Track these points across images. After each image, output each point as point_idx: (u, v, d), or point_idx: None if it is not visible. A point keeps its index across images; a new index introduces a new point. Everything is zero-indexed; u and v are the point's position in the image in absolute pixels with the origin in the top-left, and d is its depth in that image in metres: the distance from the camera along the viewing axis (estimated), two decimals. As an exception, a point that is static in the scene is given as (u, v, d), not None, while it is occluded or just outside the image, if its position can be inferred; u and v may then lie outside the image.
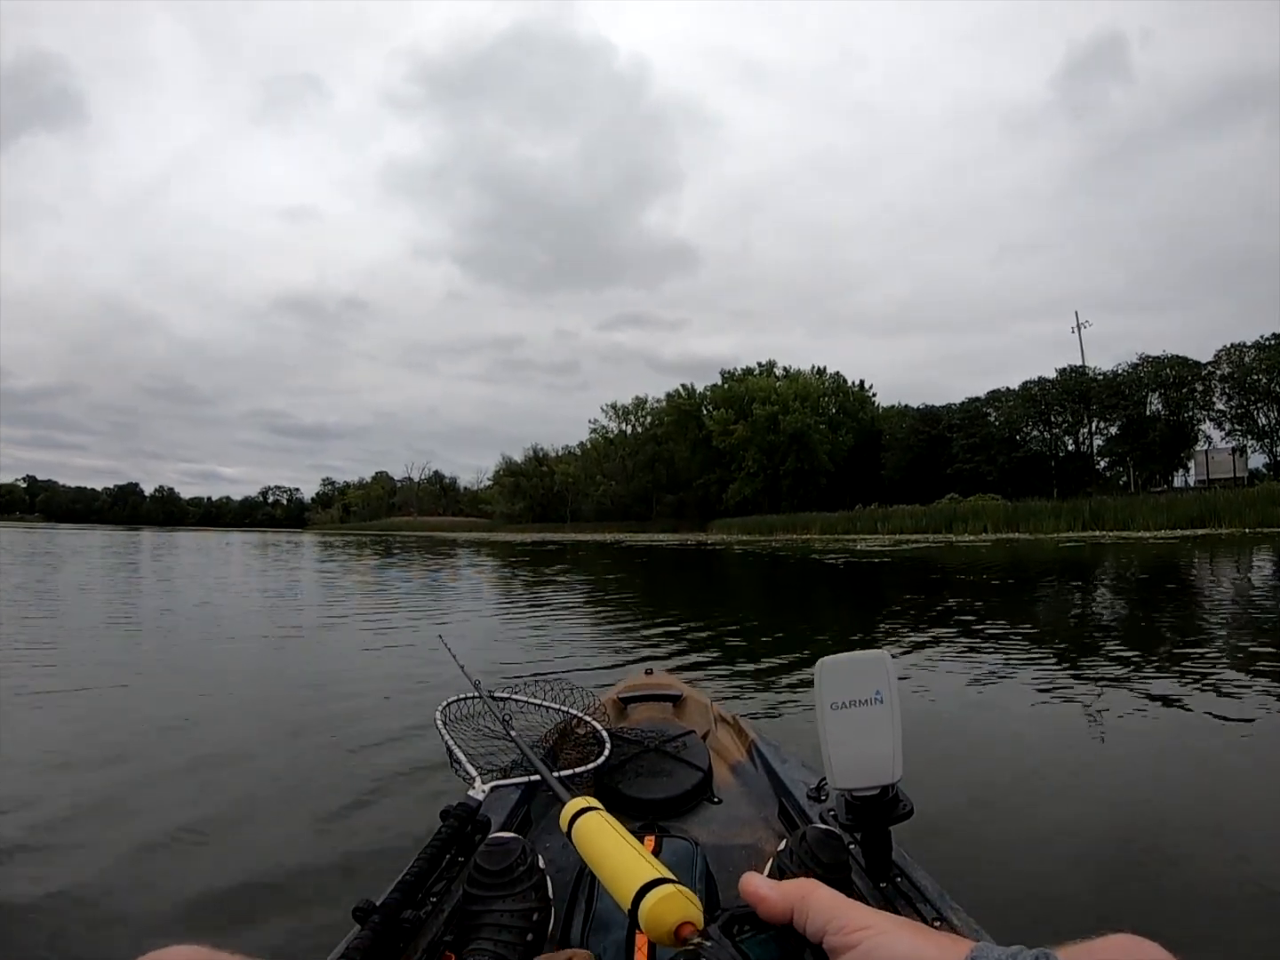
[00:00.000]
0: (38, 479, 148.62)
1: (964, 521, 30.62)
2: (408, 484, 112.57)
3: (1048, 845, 2.03)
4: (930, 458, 48.46)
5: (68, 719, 3.43)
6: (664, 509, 61.10)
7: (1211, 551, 15.19)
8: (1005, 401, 48.03)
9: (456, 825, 1.05)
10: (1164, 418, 41.92)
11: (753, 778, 1.43)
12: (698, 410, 61.23)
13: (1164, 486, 40.73)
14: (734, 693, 3.80)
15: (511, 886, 0.83)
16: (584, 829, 0.72)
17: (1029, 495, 36.09)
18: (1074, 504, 29.78)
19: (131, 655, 5.13)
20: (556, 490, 73.36)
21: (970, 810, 2.29)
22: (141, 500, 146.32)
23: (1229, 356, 40.43)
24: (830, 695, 0.90)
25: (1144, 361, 43.16)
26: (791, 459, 52.70)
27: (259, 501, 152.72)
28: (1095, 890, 1.75)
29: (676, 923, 0.55)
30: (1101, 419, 45.16)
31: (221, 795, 2.42)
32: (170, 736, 3.09)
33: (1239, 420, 40.17)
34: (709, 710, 1.79)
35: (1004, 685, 3.94)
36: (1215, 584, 9.35)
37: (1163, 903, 1.69)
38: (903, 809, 0.93)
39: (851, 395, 59.10)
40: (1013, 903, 1.68)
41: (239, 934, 1.57)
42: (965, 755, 2.85)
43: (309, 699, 3.76)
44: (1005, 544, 21.98)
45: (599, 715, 1.57)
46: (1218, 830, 2.08)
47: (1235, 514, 23.36)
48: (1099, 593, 9.20)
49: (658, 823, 1.18)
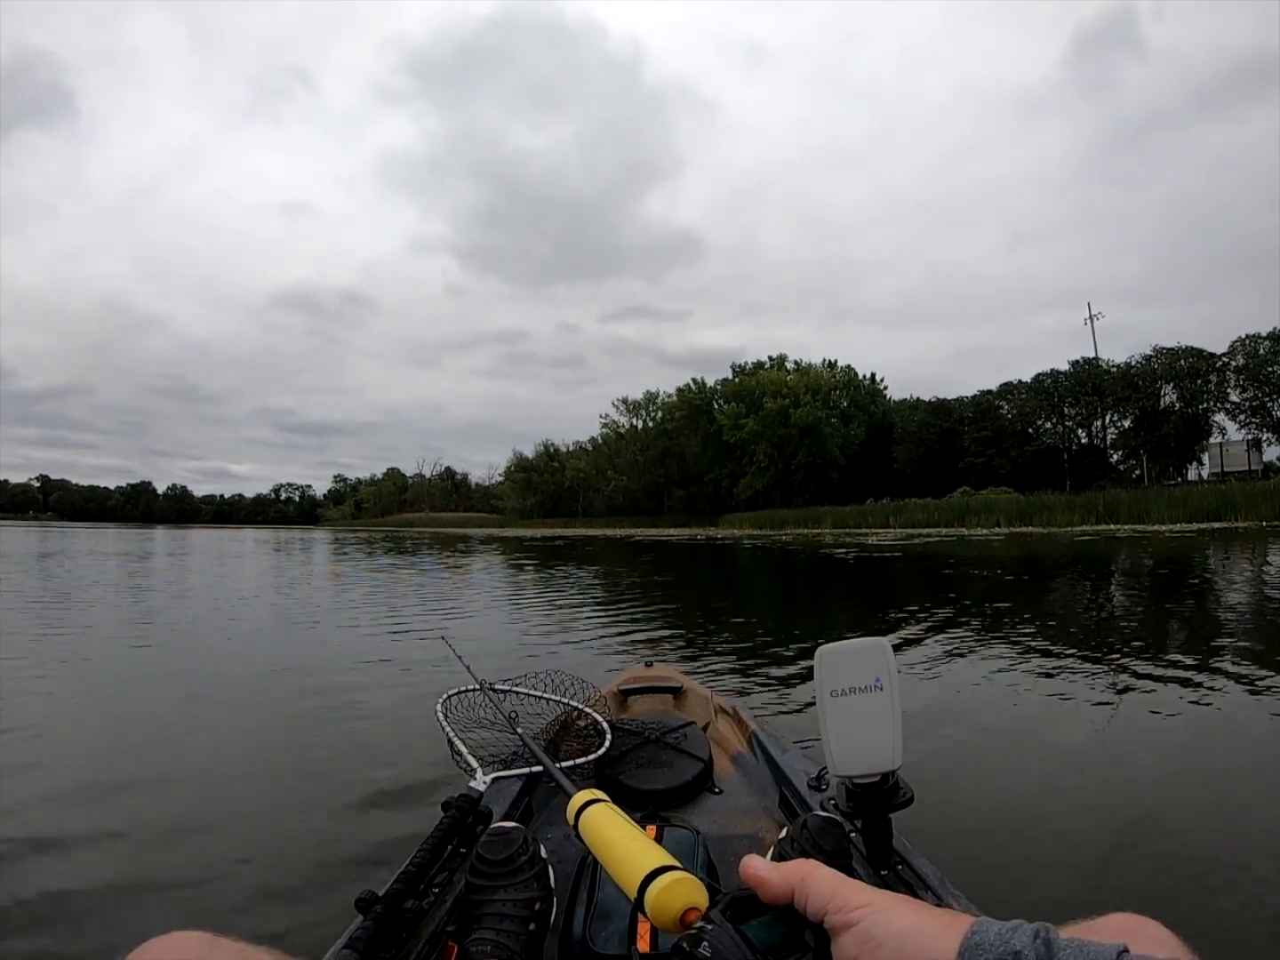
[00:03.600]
0: (50, 478, 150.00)
1: (976, 515, 30.44)
2: (419, 480, 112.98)
3: (1050, 834, 2.02)
4: (942, 451, 48.23)
5: (74, 707, 3.48)
6: (675, 504, 61.04)
7: (1228, 545, 15.03)
8: (1018, 394, 47.70)
9: (458, 816, 1.06)
10: (1178, 410, 41.55)
11: (753, 768, 1.43)
12: (708, 404, 61.05)
13: (1177, 480, 40.42)
14: (734, 684, 3.80)
15: (513, 876, 0.84)
16: (590, 820, 0.72)
17: (1042, 489, 35.74)
18: (1087, 497, 29.51)
19: (138, 643, 5.18)
20: (568, 485, 73.35)
21: (971, 798, 2.28)
22: (155, 498, 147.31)
23: (1244, 348, 39.99)
24: (830, 683, 0.90)
25: (1158, 353, 42.78)
26: (803, 453, 52.50)
27: (271, 498, 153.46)
28: (1097, 878, 1.74)
29: (682, 909, 0.55)
30: (1115, 411, 44.79)
31: (222, 786, 2.44)
32: (172, 730, 3.10)
33: (1254, 413, 39.72)
34: (709, 701, 1.80)
35: (1009, 676, 3.92)
36: (1232, 579, 9.24)
37: (1166, 891, 1.68)
38: (903, 796, 0.93)
39: (863, 388, 58.78)
40: (1013, 890, 1.68)
41: (241, 923, 1.57)
42: (967, 743, 2.84)
43: (311, 690, 3.77)
44: (1018, 538, 21.82)
45: (600, 707, 1.57)
46: (1224, 823, 2.06)
47: (1251, 507, 23.03)
48: (1112, 587, 9.12)
49: (659, 813, 1.18)
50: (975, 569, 11.74)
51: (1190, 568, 10.62)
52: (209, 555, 19.77)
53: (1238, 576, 9.56)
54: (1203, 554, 13.18)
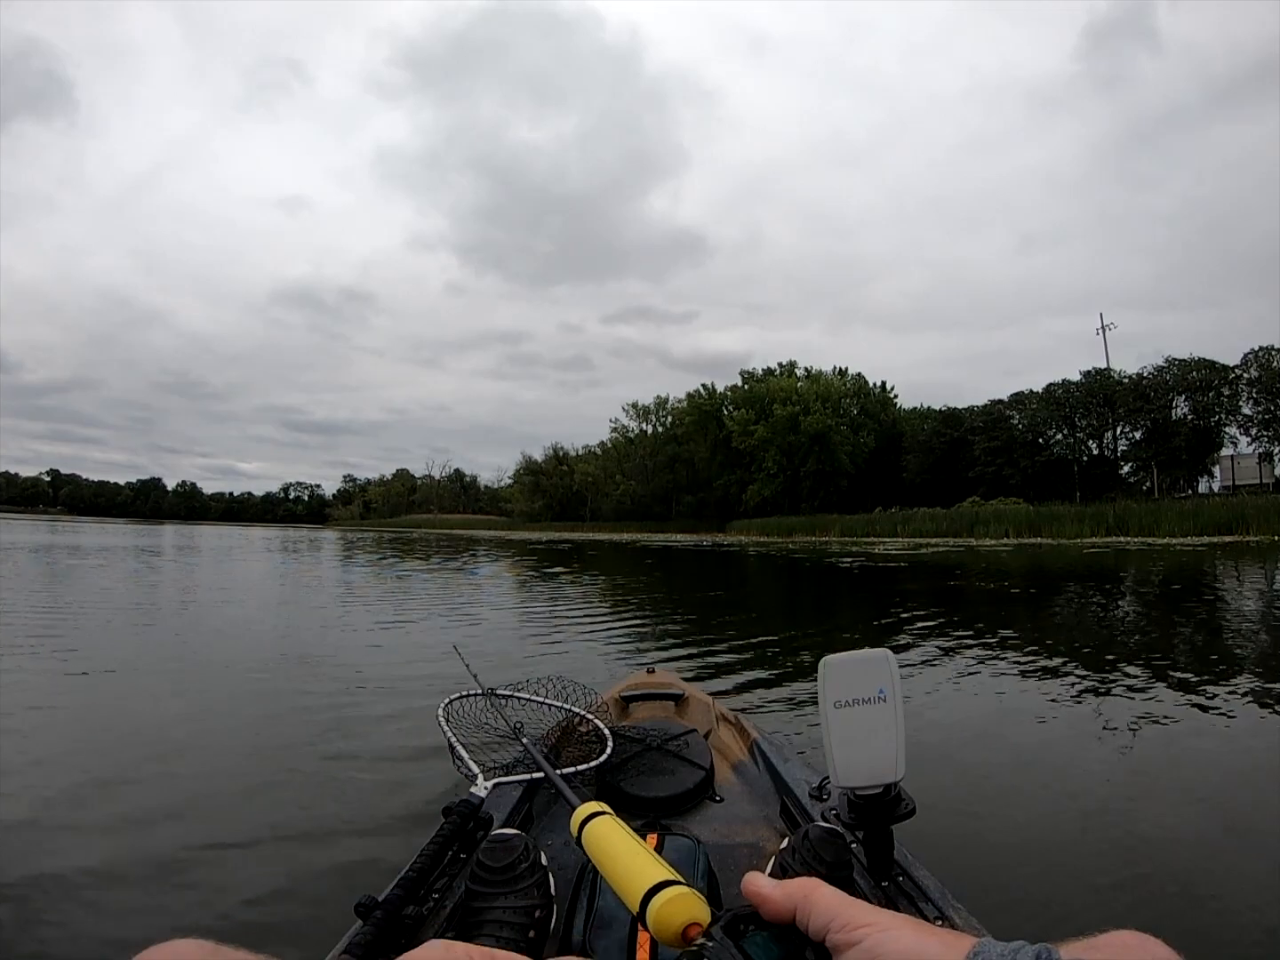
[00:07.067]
0: (61, 473, 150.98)
1: (985, 525, 30.38)
2: (428, 481, 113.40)
3: (1052, 849, 2.00)
4: (952, 460, 48.09)
5: (75, 707, 3.50)
6: (684, 510, 61.05)
7: (1239, 559, 14.91)
8: (1028, 404, 47.60)
9: (459, 822, 1.06)
10: (1190, 422, 41.30)
11: (755, 776, 1.43)
12: (718, 410, 61.12)
13: (1188, 492, 40.18)
14: (735, 692, 3.78)
15: (514, 883, 0.84)
16: (593, 833, 0.72)
17: (1052, 500, 35.63)
18: (1097, 509, 29.38)
19: (141, 645, 5.20)
20: (576, 489, 73.47)
21: (974, 811, 2.26)
22: (164, 495, 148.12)
23: (1257, 360, 39.78)
24: (834, 694, 0.90)
25: (1170, 364, 42.58)
26: (812, 460, 52.50)
27: (281, 497, 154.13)
28: (1100, 893, 1.73)
29: (684, 924, 0.55)
30: (1126, 423, 44.58)
31: (221, 791, 2.43)
32: (172, 729, 3.10)
33: (1266, 425, 39.48)
34: (711, 709, 1.79)
35: (1013, 690, 3.90)
36: (1244, 594, 9.16)
37: (1169, 909, 1.67)
38: (905, 808, 0.93)
39: (873, 396, 58.77)
40: (1015, 903, 1.67)
41: (241, 929, 1.57)
42: (970, 756, 2.83)
43: (312, 692, 3.75)
44: (1027, 549, 21.72)
45: (601, 713, 1.57)
46: (1230, 843, 2.04)
47: (1264, 521, 22.90)
48: (1121, 601, 9.03)
49: (660, 821, 1.18)
50: (982, 581, 11.65)
51: (1201, 582, 10.52)
52: (248, 552, 19.82)
53: (1249, 591, 9.47)
54: (1213, 568, 13.06)
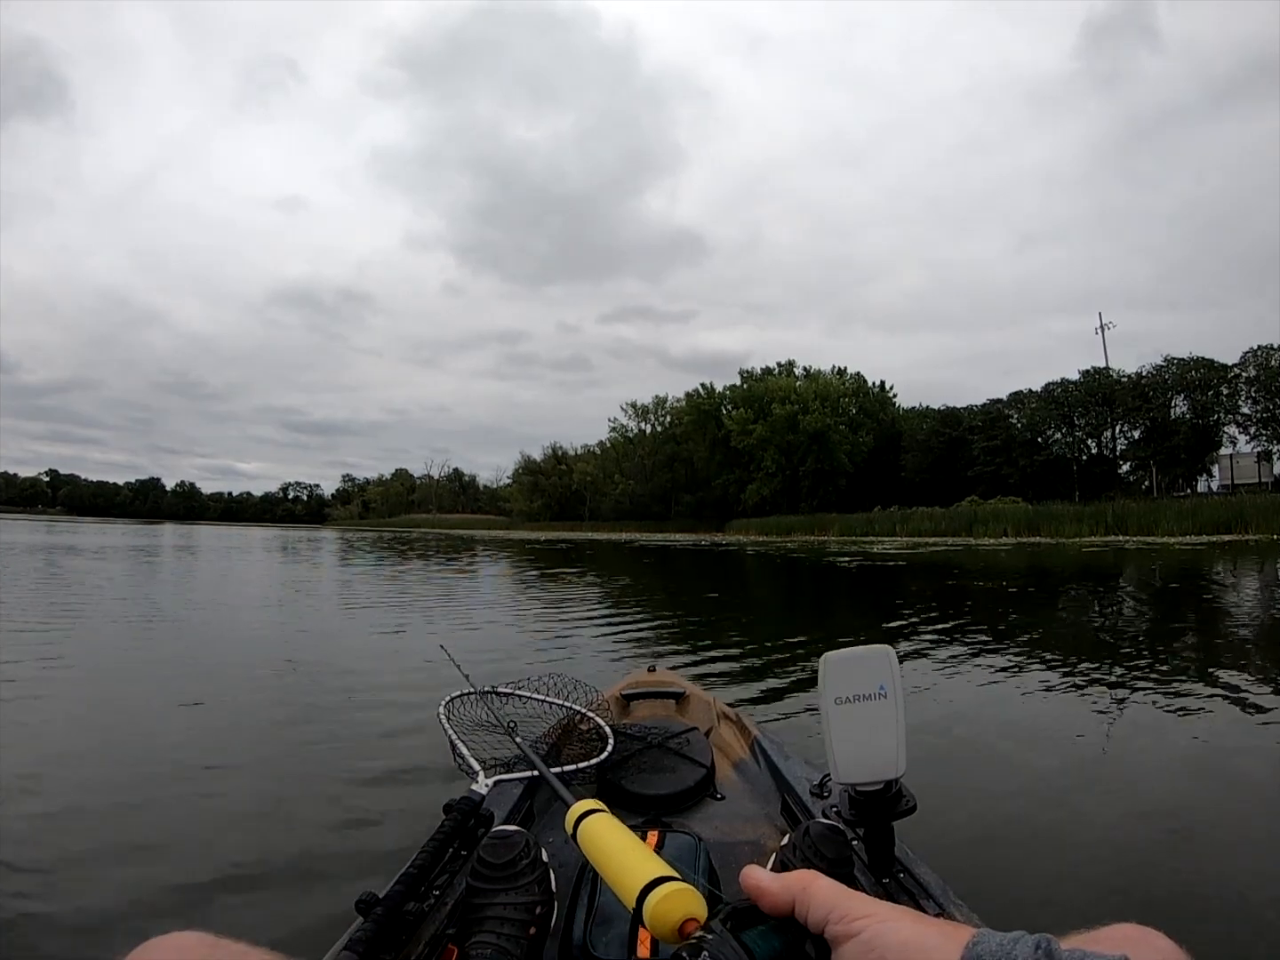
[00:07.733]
0: (60, 473, 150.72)
1: (984, 524, 30.38)
2: (427, 481, 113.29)
3: (1052, 844, 2.01)
4: (951, 459, 48.08)
5: (74, 705, 3.50)
6: (683, 509, 60.96)
7: (1238, 559, 14.92)
8: (1027, 403, 47.57)
9: (459, 819, 1.06)
10: (1188, 421, 41.32)
11: (755, 774, 1.43)
12: (717, 410, 60.98)
13: (1187, 491, 40.21)
14: (736, 690, 3.79)
15: (514, 880, 0.84)
16: (589, 831, 0.72)
17: (1051, 499, 35.64)
18: (1096, 508, 29.40)
19: (137, 648, 5.19)
20: (575, 489, 73.42)
21: (974, 807, 2.27)
22: (163, 495, 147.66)
23: (1256, 359, 39.79)
24: (834, 690, 0.89)
25: (1169, 363, 42.55)
26: (811, 459, 52.44)
27: (280, 497, 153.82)
28: (1100, 889, 1.73)
29: (680, 919, 0.55)
30: (1125, 422, 44.58)
31: (222, 788, 2.43)
32: (173, 730, 3.11)
33: (1265, 425, 39.49)
34: (712, 707, 1.79)
35: (1012, 687, 3.91)
36: (1242, 593, 9.18)
37: (1169, 901, 1.67)
38: (906, 804, 0.93)
39: (872, 396, 58.70)
40: (1016, 900, 1.67)
41: (241, 923, 1.57)
42: (971, 752, 2.84)
43: (313, 692, 3.77)
44: (1026, 548, 21.72)
45: (602, 711, 1.57)
46: (1229, 836, 2.05)
47: (1263, 520, 22.95)
48: (1120, 600, 9.04)
49: (660, 818, 1.18)
50: (980, 580, 11.67)
51: (1200, 581, 10.53)
52: (245, 553, 19.84)
53: (1247, 591, 9.49)
54: (1212, 567, 13.08)
